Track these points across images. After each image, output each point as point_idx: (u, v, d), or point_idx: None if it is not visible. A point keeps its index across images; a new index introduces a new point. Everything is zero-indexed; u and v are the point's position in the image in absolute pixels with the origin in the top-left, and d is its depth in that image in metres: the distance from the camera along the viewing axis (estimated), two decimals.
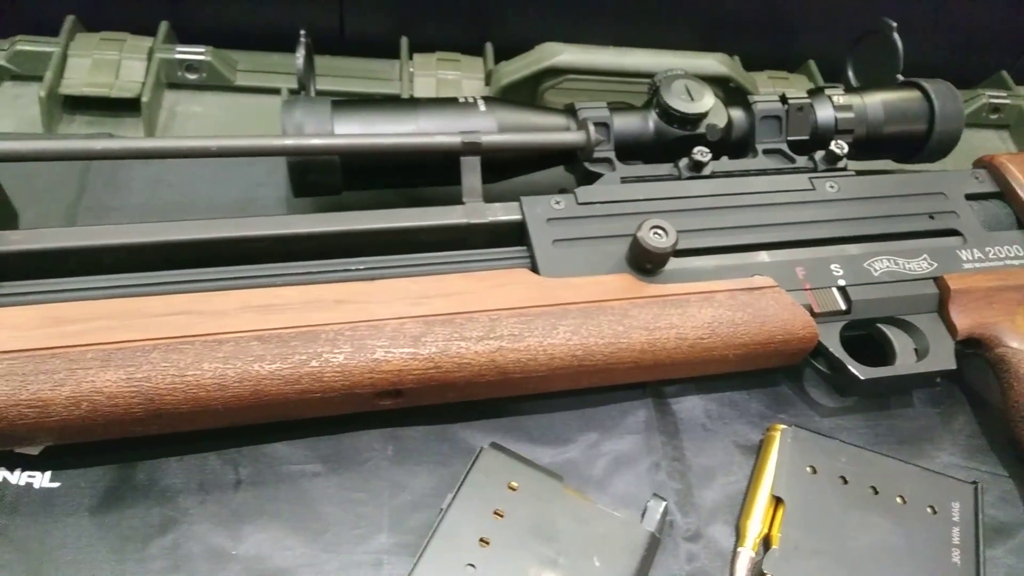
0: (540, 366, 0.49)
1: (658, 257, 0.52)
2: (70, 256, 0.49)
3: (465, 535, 0.47)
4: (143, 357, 0.45)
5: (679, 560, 0.50)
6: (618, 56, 0.77)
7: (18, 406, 0.43)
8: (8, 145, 0.48)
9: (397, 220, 0.54)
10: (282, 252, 0.52)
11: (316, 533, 0.48)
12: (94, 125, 0.77)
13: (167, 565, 0.46)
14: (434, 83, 0.81)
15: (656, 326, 0.50)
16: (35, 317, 0.45)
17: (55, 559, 0.46)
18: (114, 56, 0.77)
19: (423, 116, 0.57)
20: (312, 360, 0.46)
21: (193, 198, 0.63)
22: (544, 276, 0.52)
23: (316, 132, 0.55)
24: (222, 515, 0.48)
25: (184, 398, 0.45)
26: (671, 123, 0.60)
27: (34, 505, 0.47)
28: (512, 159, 0.58)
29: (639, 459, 0.54)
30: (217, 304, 0.47)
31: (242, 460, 0.50)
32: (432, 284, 0.50)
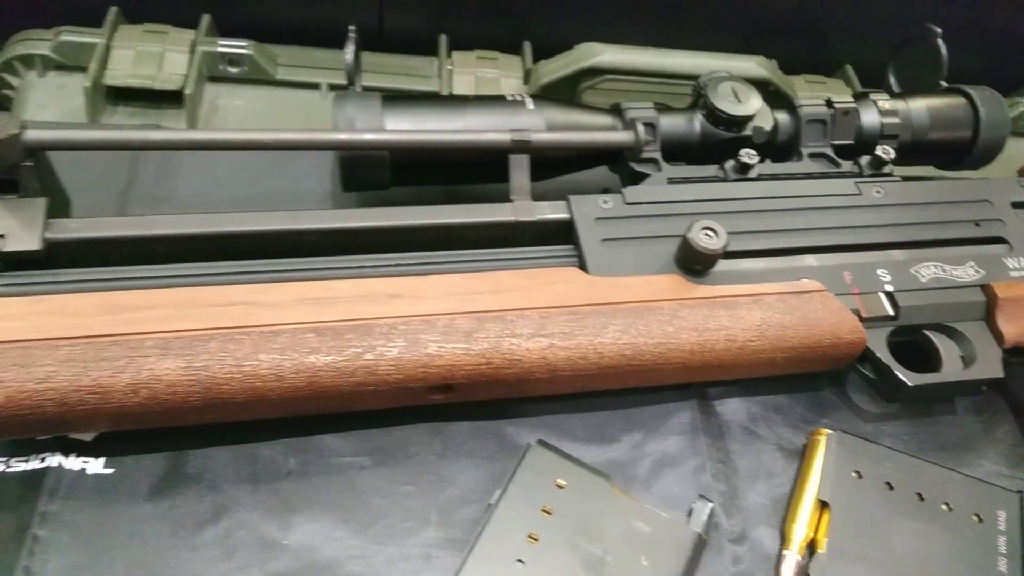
0: (590, 364, 0.49)
1: (708, 258, 0.52)
2: (125, 245, 0.50)
3: (514, 531, 0.47)
4: (201, 346, 0.45)
5: (724, 562, 0.50)
6: (658, 57, 0.77)
7: (79, 392, 0.43)
8: (68, 133, 0.49)
9: (447, 216, 0.54)
10: (333, 246, 0.53)
11: (365, 525, 0.49)
12: (136, 116, 0.77)
13: (219, 553, 0.47)
14: (473, 81, 0.81)
15: (706, 327, 0.51)
16: (95, 304, 0.46)
17: (110, 545, 0.46)
18: (157, 48, 0.77)
19: (472, 113, 0.57)
20: (367, 353, 0.46)
21: (239, 191, 0.63)
22: (593, 275, 0.52)
23: (366, 127, 0.55)
24: (273, 505, 0.49)
25: (241, 388, 0.45)
26: (717, 125, 0.60)
27: (89, 490, 0.48)
28: (558, 158, 0.59)
29: (684, 460, 0.54)
30: (273, 296, 0.48)
31: (292, 451, 0.51)
32: (483, 280, 0.51)
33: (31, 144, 0.48)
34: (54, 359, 0.43)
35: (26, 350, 0.43)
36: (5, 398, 0.42)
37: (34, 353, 0.43)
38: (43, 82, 0.78)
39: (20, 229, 0.48)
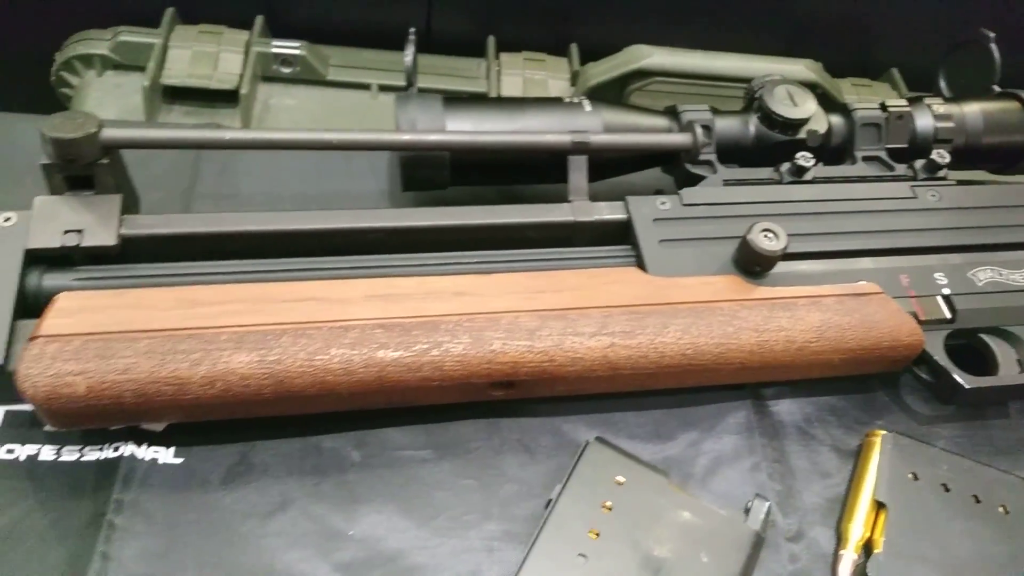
0: (650, 363, 0.50)
1: (768, 260, 0.52)
2: (196, 241, 0.51)
3: (575, 526, 0.48)
4: (274, 340, 0.46)
5: (782, 560, 0.50)
6: (707, 60, 0.78)
7: (157, 383, 0.44)
8: (143, 132, 0.50)
9: (507, 216, 0.55)
10: (396, 244, 0.54)
11: (428, 517, 0.50)
12: (192, 115, 0.79)
13: (286, 543, 0.48)
14: (521, 82, 0.82)
15: (766, 328, 0.51)
16: (171, 298, 0.47)
17: (181, 533, 0.47)
18: (212, 48, 0.79)
19: (530, 115, 0.58)
20: (433, 349, 0.47)
21: (297, 189, 0.64)
22: (652, 275, 0.53)
23: (428, 128, 0.56)
24: (338, 496, 0.50)
25: (312, 381, 0.46)
26: (772, 128, 0.60)
27: (160, 479, 0.49)
28: (614, 159, 0.59)
29: (740, 459, 0.54)
30: (341, 292, 0.49)
31: (356, 444, 0.52)
32: (545, 279, 0.51)
33: (108, 142, 0.49)
34: (134, 351, 0.45)
35: (107, 342, 0.45)
36: (87, 388, 0.44)
37: (114, 345, 0.45)
38: (101, 81, 0.80)
39: (97, 225, 0.49)
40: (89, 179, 0.50)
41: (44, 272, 0.48)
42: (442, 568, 0.48)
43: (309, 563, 0.47)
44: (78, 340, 0.44)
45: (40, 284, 0.48)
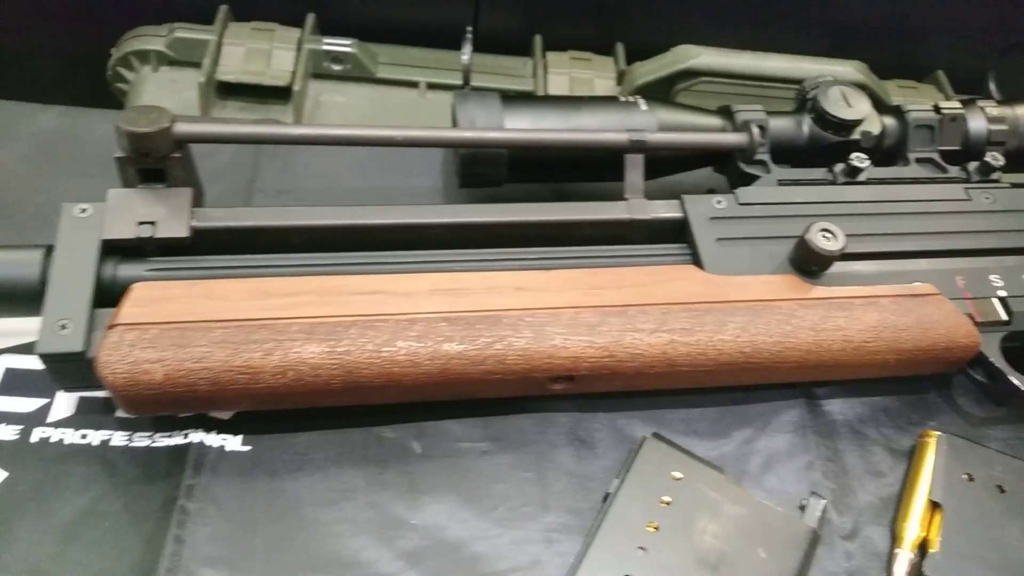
0: (708, 361, 0.50)
1: (825, 259, 0.53)
2: (263, 234, 0.52)
3: (634, 519, 0.49)
4: (343, 332, 0.47)
5: (836, 558, 0.51)
6: (756, 60, 0.78)
7: (231, 372, 0.46)
8: (213, 127, 0.51)
9: (565, 213, 0.55)
10: (455, 239, 0.54)
11: (488, 508, 0.50)
12: (245, 111, 0.80)
13: (350, 530, 0.49)
14: (567, 81, 0.83)
15: (823, 327, 0.51)
16: (243, 290, 0.48)
17: (250, 519, 0.49)
18: (265, 46, 0.80)
19: (586, 113, 0.59)
20: (496, 343, 0.48)
21: (354, 184, 0.65)
22: (710, 273, 0.53)
23: (487, 126, 0.57)
24: (400, 485, 0.51)
25: (379, 372, 0.47)
26: (826, 128, 0.61)
27: (229, 466, 0.50)
28: (668, 158, 0.60)
29: (794, 457, 0.55)
30: (406, 286, 0.50)
31: (416, 435, 0.53)
32: (604, 276, 0.52)
33: (180, 136, 0.50)
34: (208, 340, 0.46)
35: (182, 331, 0.46)
36: (164, 376, 0.45)
37: (190, 334, 0.46)
38: (156, 76, 0.81)
39: (169, 217, 0.50)
40: (161, 172, 0.51)
41: (118, 262, 0.49)
42: (503, 558, 0.49)
43: (374, 550, 0.48)
44: (155, 329, 0.46)
45: (115, 274, 0.49)
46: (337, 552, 0.48)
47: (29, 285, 0.48)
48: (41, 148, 0.64)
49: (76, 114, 0.66)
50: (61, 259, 0.48)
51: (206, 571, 0.46)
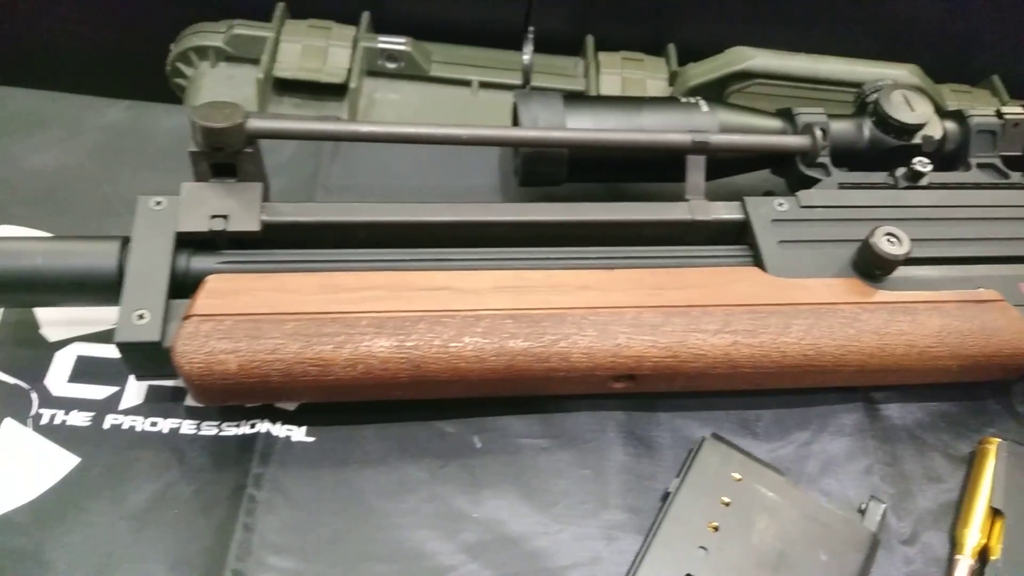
0: (771, 363, 0.51)
1: (889, 264, 0.53)
2: (331, 229, 0.53)
3: (695, 519, 0.49)
4: (412, 327, 0.48)
5: (895, 563, 0.51)
6: (812, 63, 0.78)
7: (303, 363, 0.46)
8: (284, 123, 0.52)
9: (627, 213, 0.56)
10: (517, 237, 0.55)
11: (548, 504, 0.51)
12: (300, 107, 0.82)
13: (413, 521, 0.50)
14: (619, 81, 0.83)
15: (886, 331, 0.51)
16: (314, 283, 0.49)
17: (316, 508, 0.50)
18: (322, 43, 0.81)
19: (647, 114, 0.59)
20: (561, 341, 0.49)
21: (413, 182, 0.66)
22: (772, 275, 0.53)
23: (549, 125, 0.57)
24: (461, 479, 0.51)
25: (446, 367, 0.48)
26: (887, 132, 0.60)
27: (295, 456, 0.51)
28: (728, 159, 0.60)
29: (852, 461, 0.55)
30: (472, 282, 0.50)
31: (476, 430, 0.53)
32: (667, 276, 0.52)
33: (252, 132, 0.51)
34: (281, 332, 0.47)
35: (256, 323, 0.47)
36: (238, 366, 0.46)
37: (263, 326, 0.47)
38: (214, 72, 0.83)
39: (240, 211, 0.51)
40: (232, 167, 0.52)
41: (191, 255, 0.50)
42: (563, 554, 0.49)
43: (437, 542, 0.49)
44: (229, 320, 0.47)
45: (188, 266, 0.50)
46: (400, 543, 0.49)
47: (106, 275, 0.49)
48: (108, 142, 0.65)
49: (142, 108, 0.68)
50: (137, 250, 0.49)
51: (274, 559, 0.47)
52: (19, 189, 0.62)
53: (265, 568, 0.47)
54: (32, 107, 0.66)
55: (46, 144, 0.64)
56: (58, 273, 0.49)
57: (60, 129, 0.65)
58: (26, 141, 0.64)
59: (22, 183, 0.62)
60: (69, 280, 0.49)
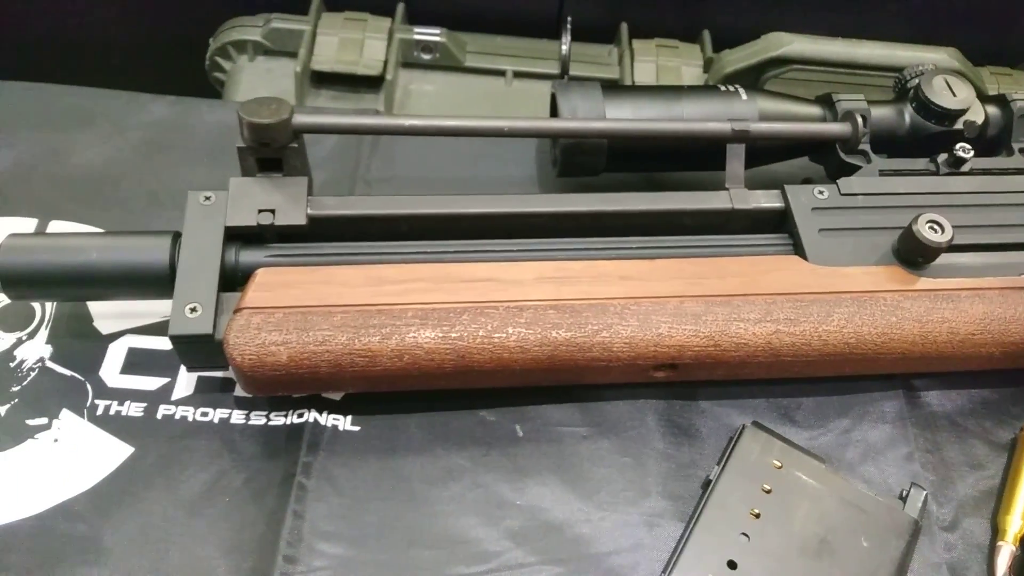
0: (812, 351, 0.51)
1: (932, 251, 0.52)
2: (375, 222, 0.54)
3: (736, 506, 0.50)
4: (456, 318, 0.49)
5: (937, 549, 0.51)
6: (849, 47, 0.77)
7: (351, 355, 0.47)
8: (329, 118, 0.54)
9: (667, 203, 0.56)
10: (558, 228, 0.55)
11: (590, 492, 0.52)
12: (337, 100, 0.82)
13: (458, 509, 0.51)
14: (654, 69, 0.83)
15: (928, 319, 0.51)
16: (360, 276, 0.50)
17: (363, 496, 0.51)
18: (358, 35, 0.82)
19: (687, 103, 0.59)
20: (603, 331, 0.49)
21: (452, 174, 0.67)
22: (813, 264, 0.53)
23: (588, 115, 0.57)
24: (504, 467, 0.52)
25: (490, 358, 0.48)
26: (928, 118, 0.60)
27: (342, 445, 0.52)
28: (768, 147, 0.60)
29: (892, 448, 0.55)
30: (514, 273, 0.51)
31: (518, 419, 0.54)
32: (708, 266, 0.53)
33: (298, 127, 0.52)
34: (330, 324, 0.48)
35: (305, 315, 0.48)
36: (288, 358, 0.47)
37: (312, 318, 0.48)
38: (253, 66, 0.83)
39: (287, 205, 0.52)
40: (278, 162, 0.53)
41: (240, 248, 0.51)
42: (606, 540, 0.50)
43: (482, 529, 0.50)
44: (279, 312, 0.48)
45: (237, 260, 0.51)
46: (446, 530, 0.50)
47: (158, 270, 0.50)
48: (153, 137, 0.67)
49: (185, 104, 0.69)
50: (188, 245, 0.50)
51: (324, 545, 0.49)
52: (68, 185, 0.63)
53: (315, 554, 0.48)
54: (79, 104, 0.68)
55: (93, 140, 0.66)
56: (112, 268, 0.50)
57: (107, 125, 0.67)
58: (74, 137, 0.66)
59: (71, 179, 0.64)
60: (122, 274, 0.50)
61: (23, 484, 0.50)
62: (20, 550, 0.47)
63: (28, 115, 0.67)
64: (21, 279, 0.50)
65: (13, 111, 0.67)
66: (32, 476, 0.50)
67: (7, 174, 0.63)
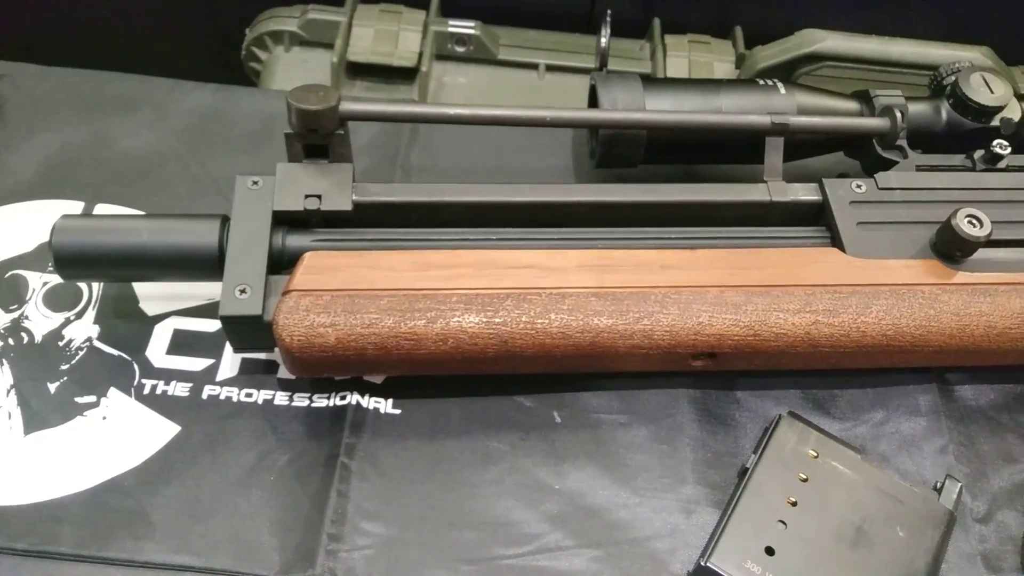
0: (850, 343, 0.51)
1: (970, 246, 0.53)
2: (417, 209, 0.55)
3: (773, 494, 0.50)
4: (499, 303, 0.49)
5: (971, 540, 0.52)
6: (883, 45, 0.77)
7: (397, 338, 0.48)
8: (375, 106, 0.54)
9: (706, 194, 0.57)
10: (598, 217, 0.56)
11: (627, 478, 0.52)
12: (372, 91, 0.83)
13: (498, 492, 0.51)
14: (686, 64, 0.84)
15: (966, 312, 0.52)
16: (406, 261, 0.51)
17: (405, 479, 0.52)
18: (393, 27, 0.83)
19: (726, 96, 0.60)
20: (644, 319, 0.50)
21: (489, 163, 0.67)
22: (851, 256, 0.54)
23: (628, 107, 0.58)
24: (544, 452, 0.53)
25: (532, 343, 0.49)
26: (965, 114, 0.60)
27: (384, 428, 0.53)
28: (805, 141, 0.60)
29: (926, 441, 0.55)
30: (556, 261, 0.52)
31: (556, 405, 0.55)
32: (748, 256, 0.53)
33: (345, 114, 0.53)
34: (376, 307, 0.49)
35: (352, 298, 0.49)
36: (336, 340, 0.48)
37: (359, 301, 0.49)
38: (289, 56, 0.85)
39: (333, 191, 0.53)
40: (324, 148, 0.54)
41: (286, 232, 0.52)
42: (644, 525, 0.51)
43: (521, 512, 0.51)
44: (327, 295, 0.49)
45: (284, 244, 0.52)
46: (486, 512, 0.51)
47: (208, 252, 0.51)
48: (196, 124, 0.68)
49: (228, 92, 0.70)
50: (237, 228, 0.51)
51: (367, 524, 0.50)
52: (113, 169, 0.65)
53: (359, 532, 0.49)
54: (123, 90, 0.69)
55: (137, 126, 0.67)
56: (162, 249, 0.51)
57: (150, 112, 0.68)
58: (119, 123, 0.67)
59: (116, 164, 0.65)
60: (173, 256, 0.51)
61: (73, 460, 0.51)
62: (72, 523, 0.48)
63: (74, 101, 0.68)
64: (75, 259, 0.51)
65: (59, 97, 0.68)
66: (82, 452, 0.51)
67: (54, 158, 0.64)
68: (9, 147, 0.64)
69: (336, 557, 0.48)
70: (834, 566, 0.48)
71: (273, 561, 0.48)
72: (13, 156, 0.64)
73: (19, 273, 0.58)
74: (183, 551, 0.48)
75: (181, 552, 0.48)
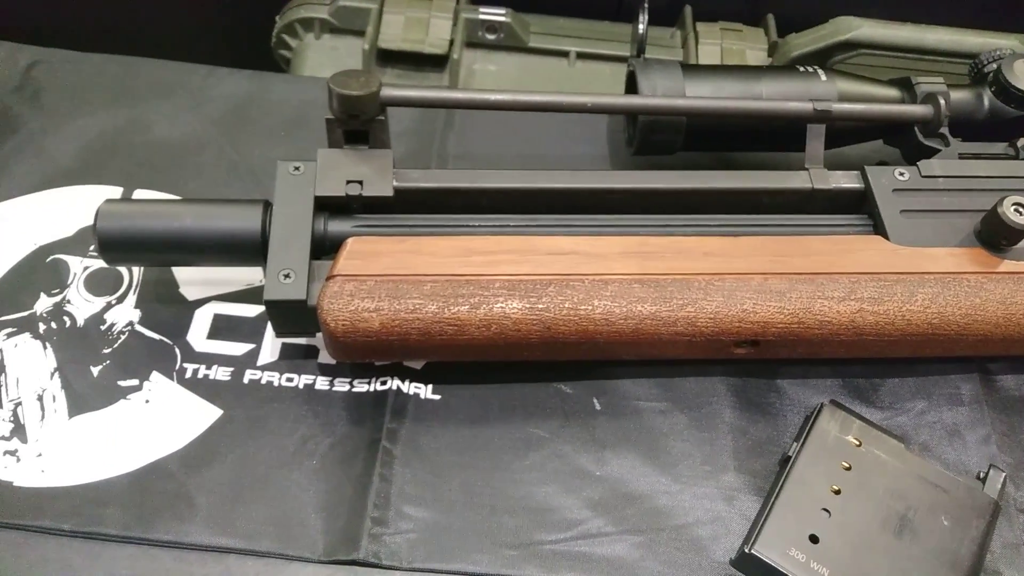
0: (896, 331, 0.51)
1: (1016, 234, 0.52)
2: (457, 195, 0.55)
3: (816, 482, 0.50)
4: (542, 290, 0.49)
5: (1015, 530, 0.51)
6: (919, 33, 0.77)
7: (441, 323, 0.48)
8: (415, 92, 0.54)
9: (748, 181, 0.56)
10: (636, 204, 0.56)
11: (669, 465, 0.52)
12: (402, 78, 0.83)
13: (539, 477, 0.51)
14: (718, 52, 0.83)
15: (1012, 301, 0.51)
16: (448, 246, 0.51)
17: (446, 464, 0.52)
18: (424, 15, 0.82)
19: (766, 82, 0.59)
20: (688, 306, 0.50)
21: (525, 151, 0.67)
22: (895, 244, 0.53)
23: (668, 93, 0.58)
24: (584, 439, 0.53)
25: (575, 329, 0.49)
26: (1008, 102, 0.60)
27: (424, 413, 0.53)
28: (845, 129, 0.60)
29: (969, 430, 0.55)
30: (598, 247, 0.52)
31: (595, 392, 0.55)
32: (791, 244, 0.53)
33: (386, 100, 0.53)
34: (420, 293, 0.49)
35: (396, 283, 0.49)
36: (380, 325, 0.48)
37: (403, 287, 0.49)
38: (319, 44, 0.84)
39: (374, 176, 0.53)
40: (364, 134, 0.54)
41: (328, 218, 0.52)
42: (686, 512, 0.51)
43: (562, 498, 0.51)
44: (371, 280, 0.49)
45: (326, 229, 0.52)
46: (527, 498, 0.51)
47: (251, 237, 0.51)
48: (231, 110, 0.68)
49: (262, 79, 0.70)
50: (280, 213, 0.51)
51: (410, 508, 0.50)
52: (150, 155, 0.65)
53: (402, 516, 0.49)
54: (159, 76, 0.69)
55: (173, 112, 0.67)
56: (206, 234, 0.51)
57: (186, 98, 0.68)
58: (155, 109, 0.67)
59: (153, 149, 0.65)
60: (216, 241, 0.52)
61: (117, 442, 0.51)
62: (117, 505, 0.49)
63: (110, 87, 0.68)
64: (119, 244, 0.51)
65: (96, 83, 0.68)
66: (126, 435, 0.52)
67: (93, 144, 0.64)
68: (47, 132, 0.65)
69: (380, 541, 0.48)
70: (879, 555, 0.48)
71: (317, 544, 0.48)
72: (51, 141, 0.64)
73: (60, 258, 0.59)
74: (227, 533, 0.48)
75: (225, 534, 0.48)
